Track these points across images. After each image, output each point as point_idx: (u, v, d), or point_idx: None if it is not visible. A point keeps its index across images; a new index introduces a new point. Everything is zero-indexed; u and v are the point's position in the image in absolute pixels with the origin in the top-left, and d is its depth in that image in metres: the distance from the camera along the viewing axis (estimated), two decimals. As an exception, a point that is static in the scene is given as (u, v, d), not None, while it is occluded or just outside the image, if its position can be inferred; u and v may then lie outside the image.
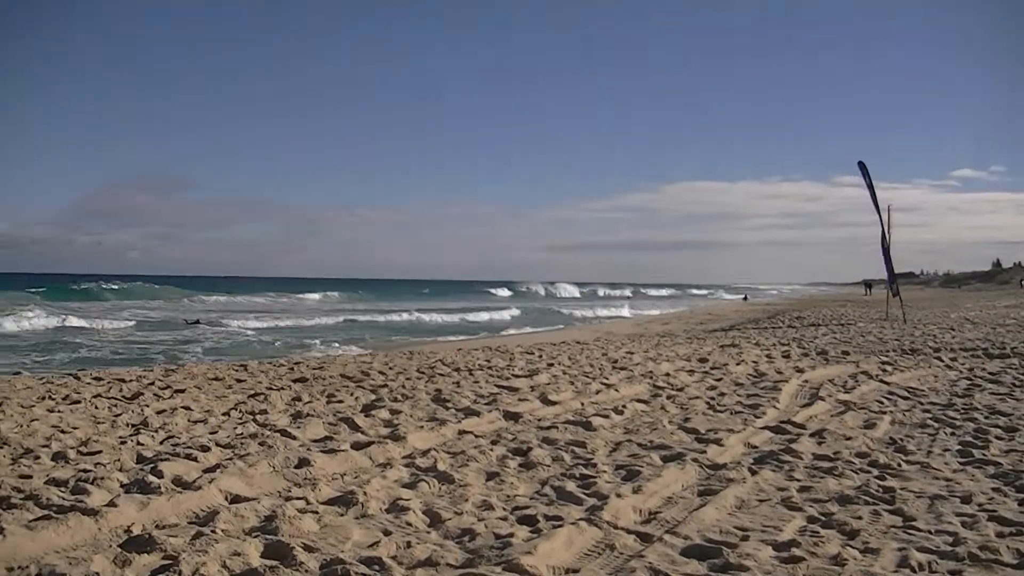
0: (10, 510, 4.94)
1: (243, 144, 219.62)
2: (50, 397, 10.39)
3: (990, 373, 12.67)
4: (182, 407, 9.62)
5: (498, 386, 11.52)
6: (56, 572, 3.98)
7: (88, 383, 12.03)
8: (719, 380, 12.17)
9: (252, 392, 11.09)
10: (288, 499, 5.53)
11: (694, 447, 7.37)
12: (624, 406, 9.56)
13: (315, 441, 7.54)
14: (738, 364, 14.24)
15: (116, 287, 65.66)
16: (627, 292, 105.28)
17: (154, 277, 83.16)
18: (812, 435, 7.88)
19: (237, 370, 14.14)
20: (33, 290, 55.84)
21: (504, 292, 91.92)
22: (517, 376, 12.74)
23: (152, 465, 6.25)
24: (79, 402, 9.98)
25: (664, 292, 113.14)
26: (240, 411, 9.44)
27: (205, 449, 6.92)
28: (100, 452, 6.93)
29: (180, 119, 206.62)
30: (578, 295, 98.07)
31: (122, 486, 5.69)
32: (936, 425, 8.42)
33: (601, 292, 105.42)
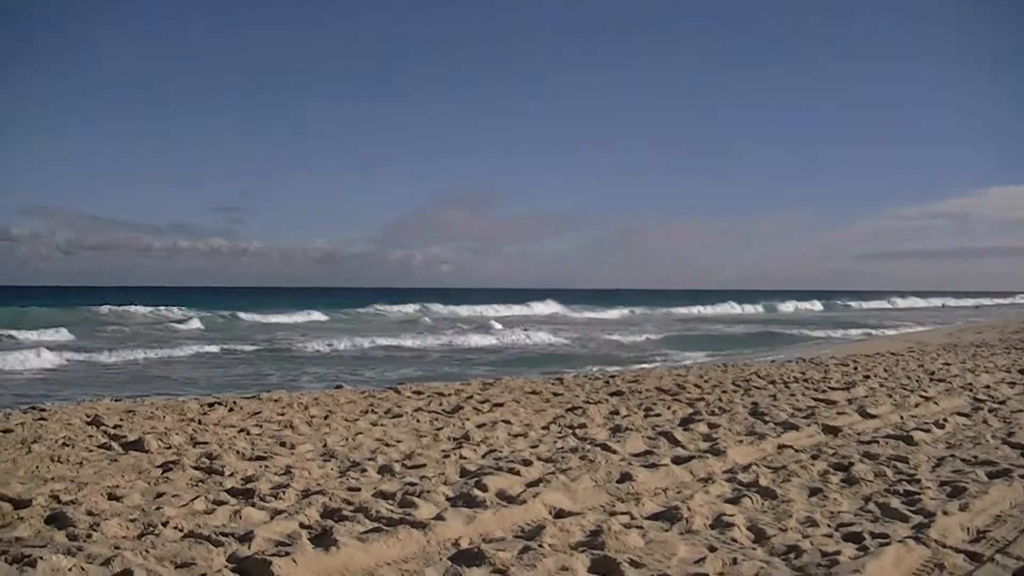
0: (341, 522, 5.62)
1: (546, 158, 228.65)
2: (372, 411, 11.52)
3: None
4: (502, 421, 10.47)
5: (815, 399, 12.08)
6: (389, 583, 4.50)
7: (408, 396, 13.22)
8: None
9: (570, 406, 11.91)
10: (612, 514, 5.95)
11: (1021, 463, 7.50)
12: (945, 419, 9.90)
13: (635, 455, 8.09)
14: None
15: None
16: (936, 302, 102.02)
17: (463, 290, 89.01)
18: None
19: (553, 383, 15.17)
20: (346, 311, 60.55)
21: (816, 305, 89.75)
22: (833, 388, 13.42)
23: (476, 479, 6.88)
24: (401, 416, 11.01)
25: (982, 302, 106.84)
26: (559, 424, 10.20)
27: (527, 463, 7.55)
28: (424, 465, 7.69)
29: (486, 134, 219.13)
30: (888, 305, 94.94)
31: (448, 499, 6.33)
32: None
33: (904, 302, 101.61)
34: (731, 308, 78.25)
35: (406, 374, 21.32)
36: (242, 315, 50.91)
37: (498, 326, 44.25)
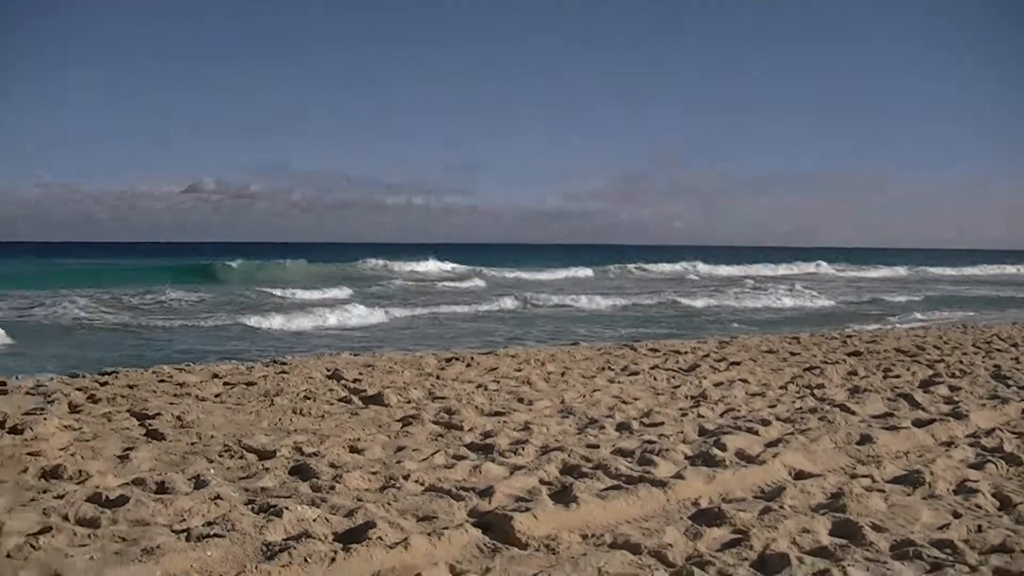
0: (581, 479, 5.72)
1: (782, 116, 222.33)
2: (609, 367, 11.62)
3: None
4: (739, 379, 10.45)
5: (1065, 363, 11.43)
6: (630, 542, 4.57)
7: (644, 354, 13.25)
8: None
9: (807, 365, 11.82)
10: (853, 476, 5.90)
11: None
12: None
13: (875, 417, 7.98)
14: None
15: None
16: None
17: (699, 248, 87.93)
18: None
19: (790, 343, 15.02)
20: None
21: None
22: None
23: (715, 438, 6.89)
24: (637, 373, 11.05)
25: None
26: (797, 384, 10.13)
27: (766, 423, 7.54)
28: (662, 424, 7.73)
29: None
30: None
31: (687, 458, 6.35)
32: None
33: None
34: (1004, 269, 73.22)
35: (646, 332, 21.28)
36: (507, 273, 51.00)
37: (754, 284, 43.43)
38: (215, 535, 4.37)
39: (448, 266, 55.36)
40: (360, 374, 10.59)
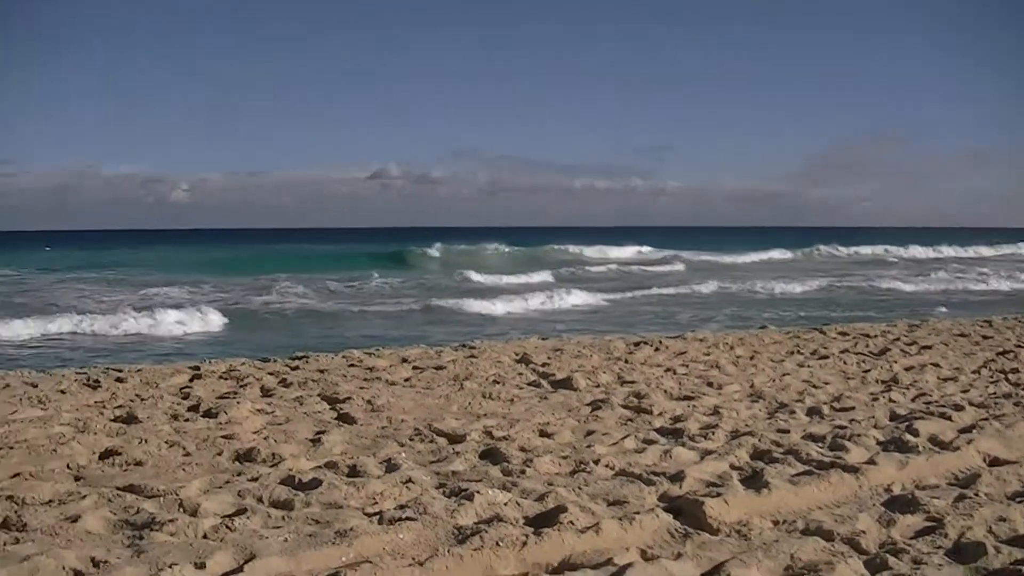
0: (772, 464, 5.61)
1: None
2: (798, 351, 11.39)
3: None
4: (930, 364, 10.17)
5: None
6: (822, 528, 4.47)
7: (834, 338, 12.95)
8: None
9: (1000, 349, 11.45)
10: None
11: None
12: None
13: None
14: None
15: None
16: None
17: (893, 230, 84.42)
18: None
19: (982, 326, 14.49)
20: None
21: None
22: None
23: (907, 423, 6.67)
24: (827, 357, 10.82)
25: None
26: (990, 369, 9.82)
27: (959, 408, 7.29)
28: (853, 408, 7.56)
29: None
30: None
31: (878, 443, 6.18)
32: None
33: None
34: None
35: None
36: (704, 256, 50.60)
37: (957, 266, 41.59)
38: (407, 518, 4.45)
39: (645, 249, 55.09)
40: (549, 358, 10.65)
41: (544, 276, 33.57)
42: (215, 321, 19.33)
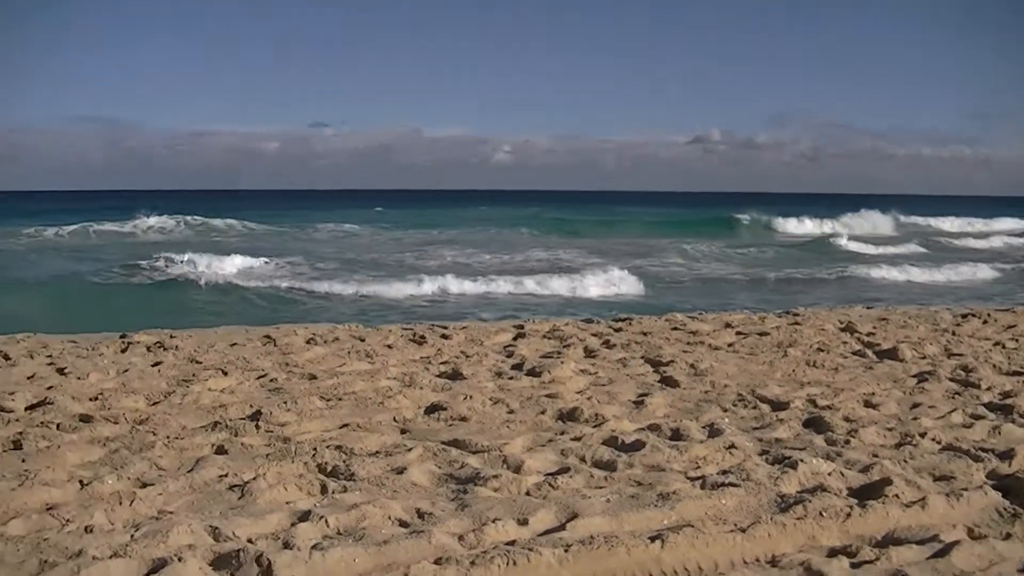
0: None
1: None
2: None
3: None
4: None
5: None
6: None
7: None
8: None
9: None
10: None
11: None
12: None
13: None
14: None
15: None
16: None
17: None
18: None
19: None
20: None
21: None
22: None
23: None
24: None
25: None
26: None
27: None
28: None
29: None
30: None
31: None
32: None
33: None
34: None
35: None
36: None
37: None
38: (729, 484, 4.37)
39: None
40: (874, 327, 10.19)
41: (912, 247, 32.63)
42: (633, 284, 20.34)
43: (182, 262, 23.35)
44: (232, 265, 23.20)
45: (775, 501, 4.18)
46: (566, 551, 3.50)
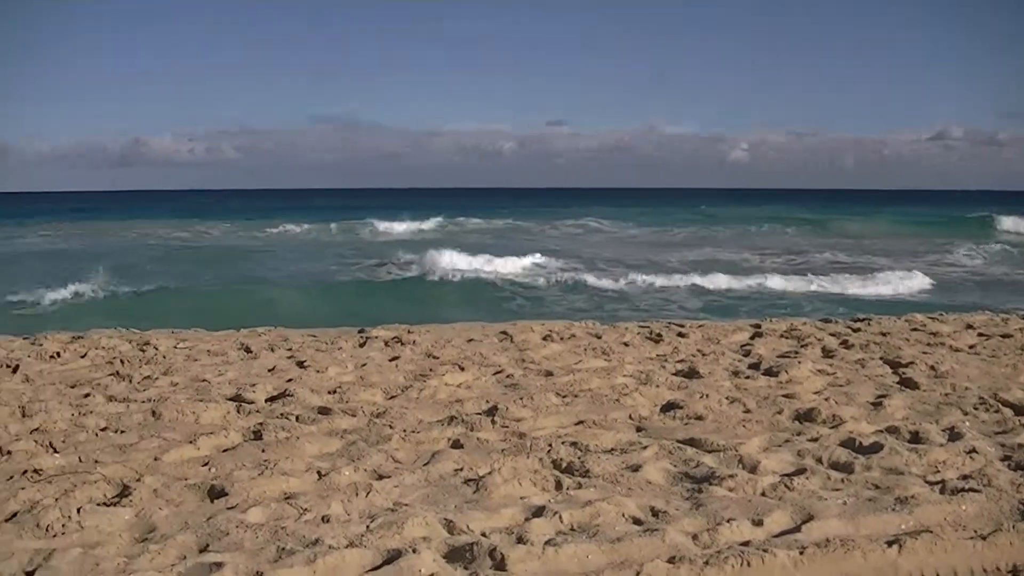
0: None
1: None
2: None
3: None
4: None
5: None
6: None
7: None
8: None
9: None
10: None
11: None
12: None
13: None
14: None
15: None
16: None
17: None
18: None
19: None
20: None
21: None
22: None
23: None
24: None
25: None
26: None
27: None
28: None
29: None
30: None
31: None
32: None
33: None
34: None
35: None
36: None
37: None
38: (970, 489, 4.28)
39: None
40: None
41: None
42: (921, 282, 20.38)
43: (420, 260, 24.02)
44: (468, 262, 23.60)
45: (1017, 508, 4.08)
46: (801, 553, 3.54)
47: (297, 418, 5.86)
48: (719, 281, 19.91)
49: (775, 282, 19.93)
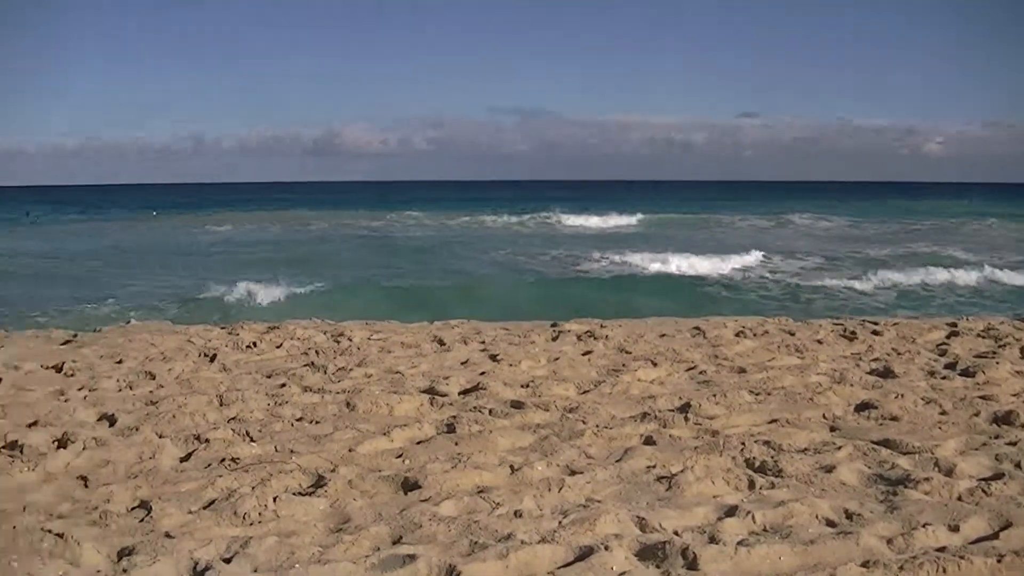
0: None
1: None
2: None
3: None
4: None
5: None
6: None
7: None
8: None
9: None
10: None
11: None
12: None
13: None
14: None
15: None
16: None
17: None
18: None
19: None
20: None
21: None
22: None
23: None
24: None
25: None
26: None
27: None
28: None
29: None
30: None
31: None
32: None
33: None
34: None
35: None
36: None
37: None
38: None
39: None
40: None
41: None
42: None
43: (613, 255, 24.06)
44: (662, 258, 23.41)
45: None
46: (999, 561, 3.47)
47: (490, 411, 5.97)
48: (924, 275, 19.22)
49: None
